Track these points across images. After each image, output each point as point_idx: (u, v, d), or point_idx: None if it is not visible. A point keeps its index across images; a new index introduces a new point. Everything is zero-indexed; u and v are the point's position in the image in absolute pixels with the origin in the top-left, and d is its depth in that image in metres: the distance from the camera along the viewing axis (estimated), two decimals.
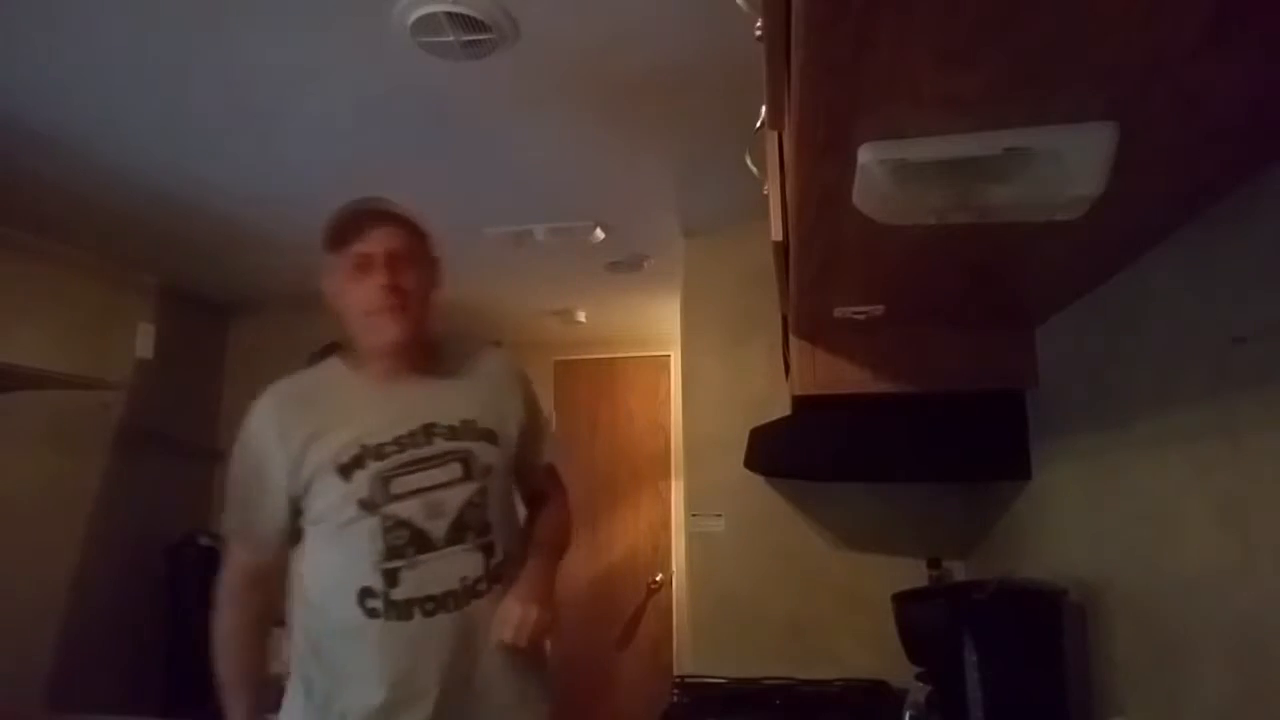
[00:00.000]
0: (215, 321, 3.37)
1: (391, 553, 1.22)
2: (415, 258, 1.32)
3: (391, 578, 1.21)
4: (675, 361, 4.01)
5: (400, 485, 1.24)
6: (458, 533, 1.25)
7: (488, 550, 1.28)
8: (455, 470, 1.27)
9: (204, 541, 2.93)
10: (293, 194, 2.22)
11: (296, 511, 1.29)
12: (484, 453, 1.31)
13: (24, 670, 2.42)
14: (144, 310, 2.95)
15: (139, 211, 2.28)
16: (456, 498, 1.26)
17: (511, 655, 1.26)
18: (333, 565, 1.26)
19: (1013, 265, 1.16)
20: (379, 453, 1.25)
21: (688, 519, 2.44)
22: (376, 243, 1.28)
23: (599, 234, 2.52)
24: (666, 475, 4.05)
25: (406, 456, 1.25)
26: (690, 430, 2.51)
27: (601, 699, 3.75)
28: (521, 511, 1.47)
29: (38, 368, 2.33)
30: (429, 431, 1.28)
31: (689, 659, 2.36)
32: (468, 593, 1.24)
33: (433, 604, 1.22)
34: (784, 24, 0.68)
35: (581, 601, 3.94)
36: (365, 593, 1.21)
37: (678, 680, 2.20)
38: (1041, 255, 1.09)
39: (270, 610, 1.36)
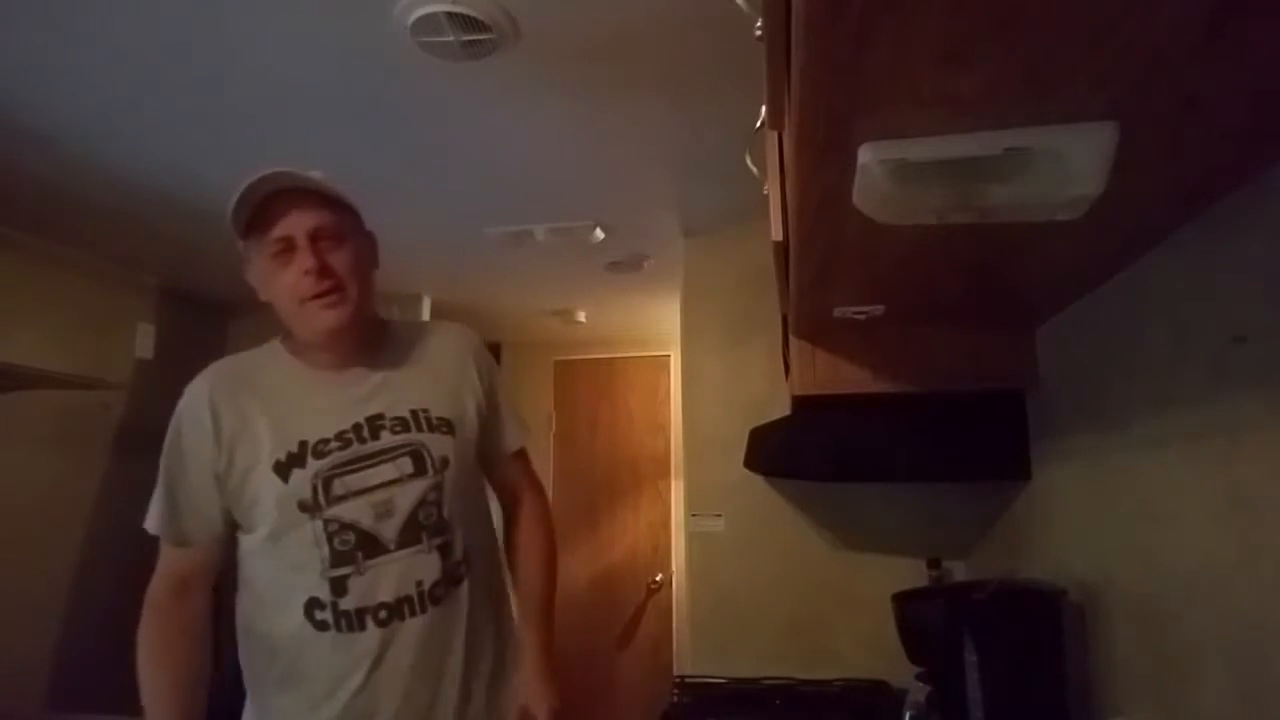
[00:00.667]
0: (215, 321, 3.37)
1: (337, 559, 1.11)
2: (342, 234, 1.17)
3: (339, 586, 1.10)
4: (675, 361, 4.01)
5: (343, 485, 1.12)
6: (410, 534, 1.14)
7: (445, 551, 1.17)
8: (405, 466, 1.16)
9: None
10: None
11: (228, 511, 1.17)
12: (438, 445, 1.19)
13: (24, 670, 2.42)
14: (144, 310, 2.95)
15: (139, 211, 2.28)
16: (408, 496, 1.15)
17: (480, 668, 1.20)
18: (274, 575, 1.15)
19: (1013, 265, 1.16)
20: (319, 450, 1.13)
21: (688, 519, 2.44)
22: (295, 224, 1.13)
23: (599, 234, 2.52)
24: (666, 475, 4.05)
25: (349, 454, 1.14)
26: (690, 430, 2.51)
27: (601, 699, 3.74)
28: (496, 512, 1.38)
29: (38, 368, 2.33)
30: (375, 425, 1.17)
31: (689, 659, 2.36)
32: (425, 598, 1.14)
33: (386, 612, 1.12)
34: (784, 24, 0.68)
35: (581, 601, 3.94)
36: (312, 604, 1.11)
37: (678, 680, 2.20)
38: (1041, 255, 1.09)
39: (201, 627, 1.21)
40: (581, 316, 3.68)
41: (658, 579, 3.94)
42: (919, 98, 0.63)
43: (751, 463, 2.17)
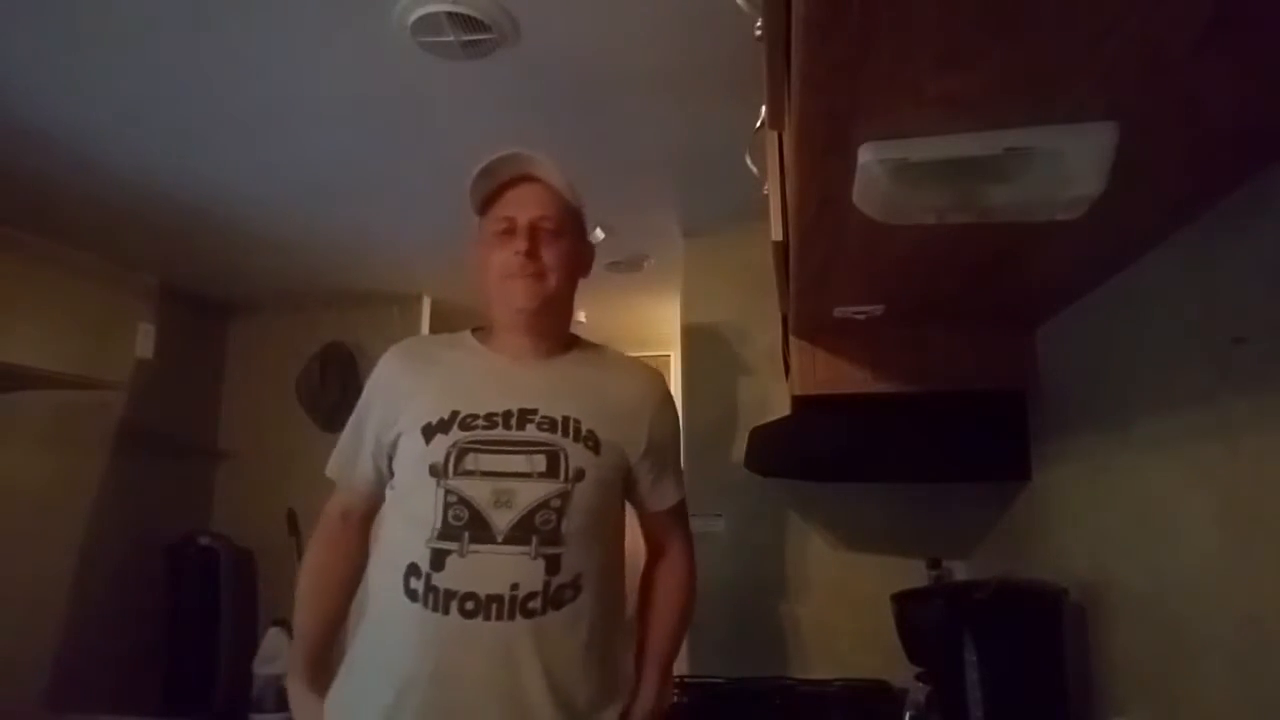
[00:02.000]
0: (215, 321, 3.38)
1: (446, 531, 1.11)
2: (561, 229, 1.24)
3: (439, 560, 1.10)
4: (675, 361, 4.00)
5: (474, 461, 1.14)
6: (521, 532, 1.11)
7: (552, 565, 1.11)
8: (539, 463, 1.15)
9: (204, 541, 2.94)
10: (292, 194, 2.23)
11: (386, 465, 1.24)
12: (578, 455, 1.17)
13: (24, 670, 2.42)
14: (144, 310, 2.95)
15: (139, 211, 2.28)
16: (531, 493, 1.13)
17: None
18: (394, 532, 1.19)
19: (1012, 265, 1.16)
20: (466, 422, 1.16)
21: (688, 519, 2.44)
22: (521, 208, 1.23)
23: (599, 234, 2.52)
24: None
25: (493, 435, 1.15)
26: (690, 430, 2.50)
27: None
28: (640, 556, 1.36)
29: (38, 368, 2.33)
30: (525, 416, 1.18)
31: (689, 659, 2.36)
32: (516, 605, 1.08)
33: (473, 604, 1.08)
34: (784, 24, 0.68)
35: None
36: (411, 570, 1.11)
37: (678, 680, 2.20)
38: (1041, 255, 1.09)
39: (360, 561, 1.29)
40: (581, 316, 3.68)
41: None
42: (919, 98, 0.63)
43: (751, 463, 2.17)
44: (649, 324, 3.87)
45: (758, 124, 1.12)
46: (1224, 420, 0.91)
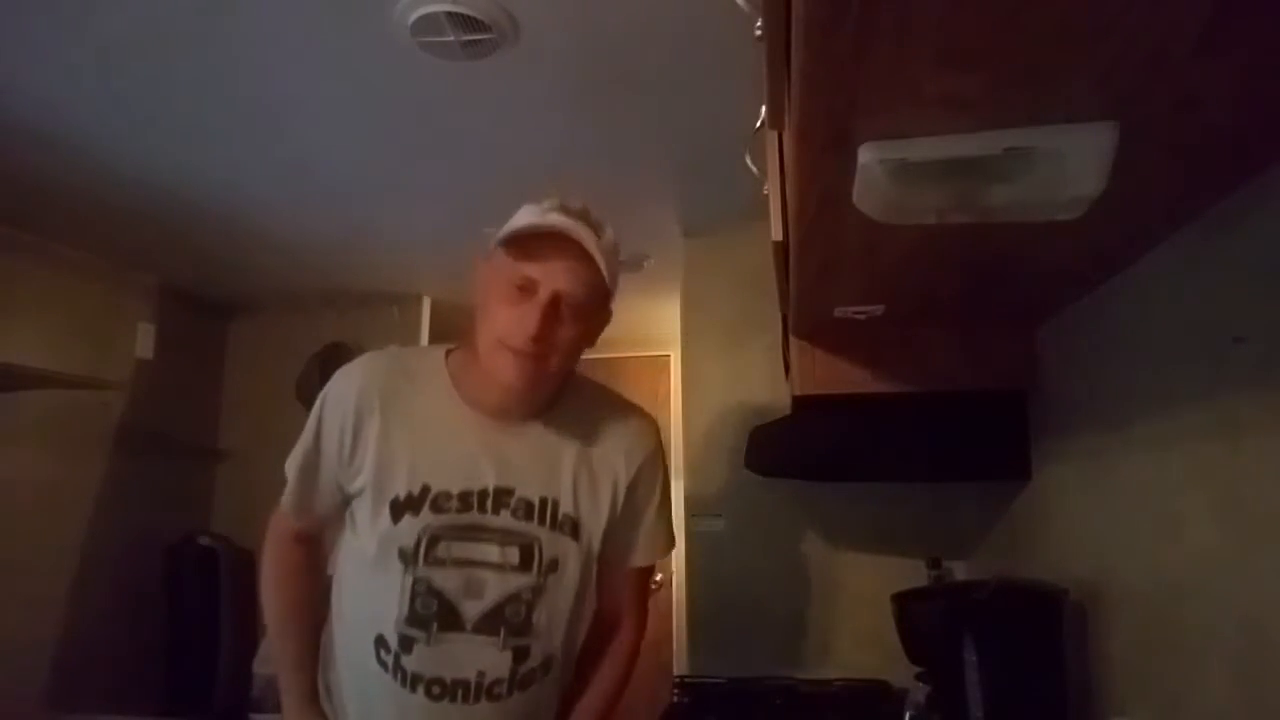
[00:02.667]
0: (215, 321, 3.38)
1: (413, 619, 1.07)
2: (583, 311, 1.08)
3: (406, 644, 1.07)
4: (675, 361, 4.00)
5: (446, 550, 1.08)
6: (490, 624, 1.08)
7: (520, 654, 1.10)
8: (512, 556, 1.09)
9: (204, 541, 2.93)
10: (293, 194, 2.23)
11: (344, 500, 1.15)
12: (554, 545, 1.11)
13: (24, 669, 2.42)
14: (144, 310, 2.95)
15: (139, 211, 2.28)
16: (501, 586, 1.09)
17: None
18: (360, 593, 1.14)
19: (1013, 265, 1.16)
20: (438, 503, 1.08)
21: (688, 519, 2.44)
22: (550, 276, 1.05)
23: None
24: None
25: (465, 520, 1.08)
26: (690, 430, 2.51)
27: None
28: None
29: (38, 368, 2.33)
30: (501, 499, 1.10)
31: (689, 659, 2.36)
32: (481, 690, 1.08)
33: (439, 688, 1.07)
34: (784, 24, 0.68)
35: None
36: (380, 641, 1.09)
37: (678, 680, 2.20)
38: (1041, 255, 1.09)
39: (322, 570, 1.23)
40: None
41: (658, 579, 3.94)
42: (919, 98, 0.63)
43: (751, 463, 2.17)
44: (649, 324, 3.86)
45: (758, 124, 1.12)
46: (1224, 420, 0.91)
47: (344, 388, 1.14)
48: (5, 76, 1.57)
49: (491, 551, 1.09)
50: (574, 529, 1.13)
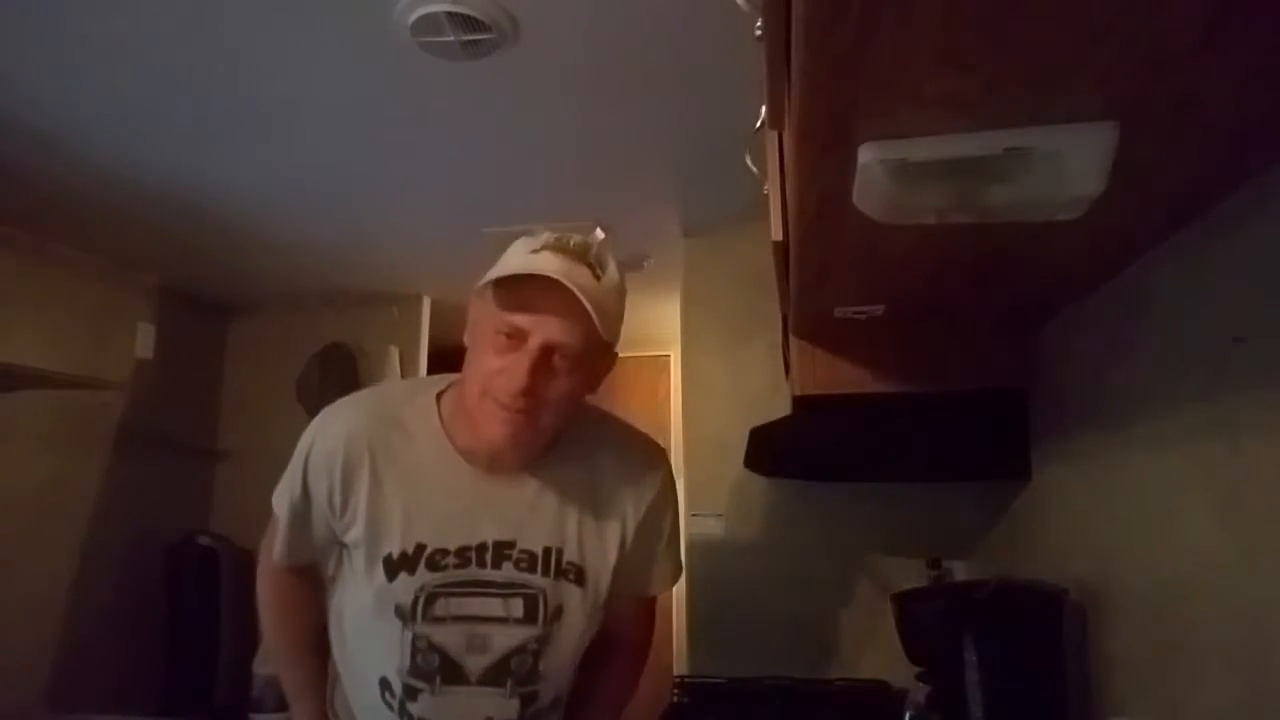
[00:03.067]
0: (215, 321, 3.38)
1: (416, 672, 1.04)
2: (577, 363, 0.98)
3: (411, 693, 1.05)
4: (675, 361, 4.01)
5: (445, 607, 1.04)
6: (497, 675, 1.05)
7: (529, 699, 1.07)
8: (516, 609, 1.05)
9: (204, 541, 2.93)
10: (293, 194, 2.23)
11: (338, 546, 1.11)
12: (559, 594, 1.07)
13: (24, 670, 2.43)
14: (144, 310, 2.95)
15: (139, 211, 2.28)
16: (506, 639, 1.05)
17: None
18: (361, 637, 1.11)
19: (1013, 265, 1.16)
20: (434, 561, 1.03)
21: (688, 519, 2.44)
22: (541, 327, 0.95)
23: (599, 234, 2.51)
24: None
25: (464, 575, 1.04)
26: (690, 430, 2.51)
27: None
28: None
29: (38, 368, 2.33)
30: (501, 553, 1.05)
31: (689, 659, 2.36)
32: None
33: None
34: (784, 24, 0.68)
35: None
36: (384, 684, 1.07)
37: (678, 680, 2.20)
38: (1041, 255, 1.09)
39: (312, 593, 1.18)
40: None
41: None
42: (919, 98, 0.63)
43: (751, 463, 2.17)
44: (649, 324, 3.87)
45: (758, 124, 1.12)
46: (1224, 420, 0.91)
47: (332, 436, 1.06)
48: (5, 76, 1.57)
49: (494, 605, 1.05)
50: (579, 575, 1.08)
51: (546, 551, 1.06)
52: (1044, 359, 1.54)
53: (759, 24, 0.80)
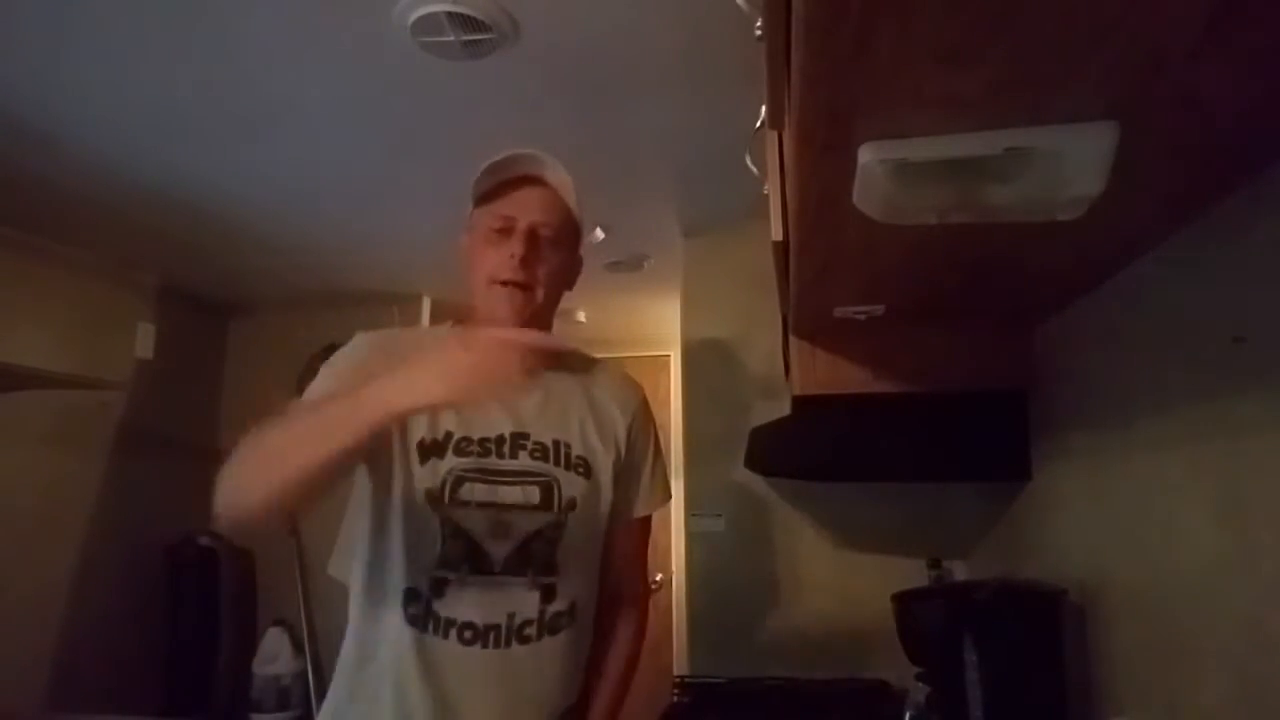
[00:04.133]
0: (215, 321, 3.37)
1: (444, 561, 1.09)
2: (559, 241, 1.19)
3: (439, 587, 1.09)
4: (675, 361, 4.00)
5: (470, 491, 1.11)
6: (518, 563, 1.11)
7: (547, 593, 1.13)
8: (533, 495, 1.13)
9: (204, 541, 2.94)
10: (292, 194, 2.23)
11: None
12: (570, 484, 1.16)
13: (24, 670, 2.43)
14: (144, 310, 2.95)
15: (139, 211, 2.28)
16: (526, 524, 1.12)
17: None
18: (386, 551, 1.13)
19: (1013, 265, 1.16)
20: (461, 447, 1.12)
21: (688, 519, 2.44)
22: (524, 209, 1.17)
23: (599, 234, 2.52)
24: None
25: (487, 463, 1.12)
26: (690, 430, 2.51)
27: None
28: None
29: (38, 368, 2.33)
30: (517, 443, 1.14)
31: (689, 659, 2.36)
32: (513, 633, 1.10)
33: (471, 633, 1.09)
34: (784, 24, 0.68)
35: None
36: (410, 595, 1.09)
37: (678, 680, 2.20)
38: (1041, 255, 1.09)
39: None
40: (581, 316, 3.68)
41: (658, 579, 3.94)
42: (919, 98, 0.63)
43: (751, 463, 2.17)
44: (649, 324, 3.87)
45: (758, 124, 1.12)
46: (1224, 420, 0.91)
47: (358, 343, 1.19)
48: (5, 77, 1.57)
49: (513, 493, 1.13)
50: (587, 469, 1.18)
51: (556, 444, 1.17)
52: (1044, 359, 1.54)
53: (759, 24, 0.80)
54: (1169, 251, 1.02)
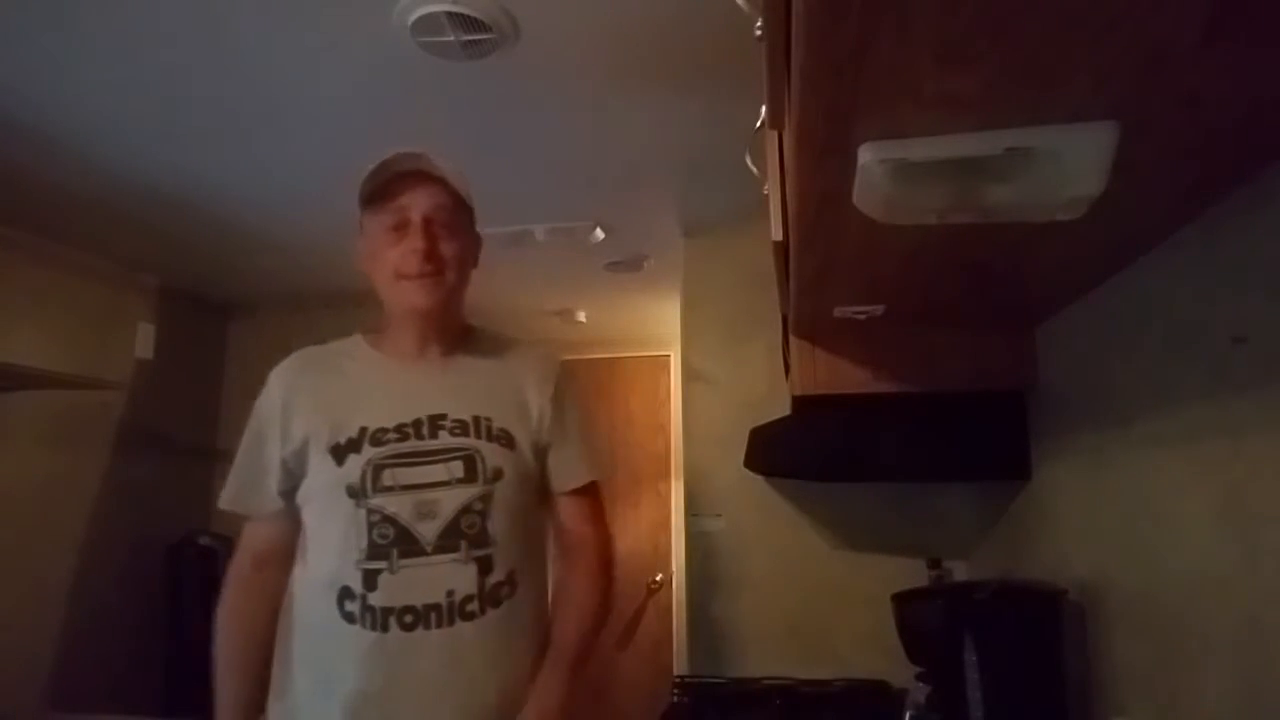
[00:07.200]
0: (215, 321, 3.38)
1: (374, 551, 1.10)
2: (455, 224, 1.22)
3: (370, 580, 1.10)
4: (675, 361, 4.01)
5: (392, 477, 1.13)
6: (449, 540, 1.12)
7: (484, 565, 1.13)
8: (457, 470, 1.15)
9: (204, 541, 2.93)
10: (292, 194, 2.23)
11: (293, 488, 1.19)
12: (494, 455, 1.17)
13: (24, 670, 2.42)
14: (144, 310, 2.95)
15: (139, 211, 2.28)
16: (453, 500, 1.13)
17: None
18: (319, 556, 1.16)
19: (1013, 265, 1.16)
20: (377, 438, 1.15)
21: (688, 519, 2.44)
22: (415, 202, 1.19)
23: (599, 234, 2.52)
24: (666, 475, 4.05)
25: (405, 447, 1.15)
26: (690, 430, 2.51)
27: (601, 699, 3.75)
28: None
29: (38, 368, 2.33)
30: (436, 424, 1.17)
31: (689, 659, 2.36)
32: (454, 610, 1.11)
33: (412, 617, 1.09)
34: (784, 24, 0.68)
35: None
36: (345, 593, 1.11)
37: (678, 680, 2.20)
38: (1041, 255, 1.09)
39: (276, 600, 1.22)
40: (581, 316, 3.68)
41: (658, 579, 3.94)
42: (919, 98, 0.63)
43: (751, 463, 2.17)
44: (649, 324, 3.87)
45: (758, 124, 1.12)
46: (1224, 420, 0.91)
47: (272, 380, 1.25)
48: (6, 77, 1.57)
49: (437, 471, 1.14)
50: (508, 440, 1.20)
51: (476, 419, 1.19)
52: (1044, 359, 1.54)
53: (759, 24, 0.80)
54: (1169, 251, 1.02)
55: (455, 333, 1.28)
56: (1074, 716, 1.30)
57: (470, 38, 1.42)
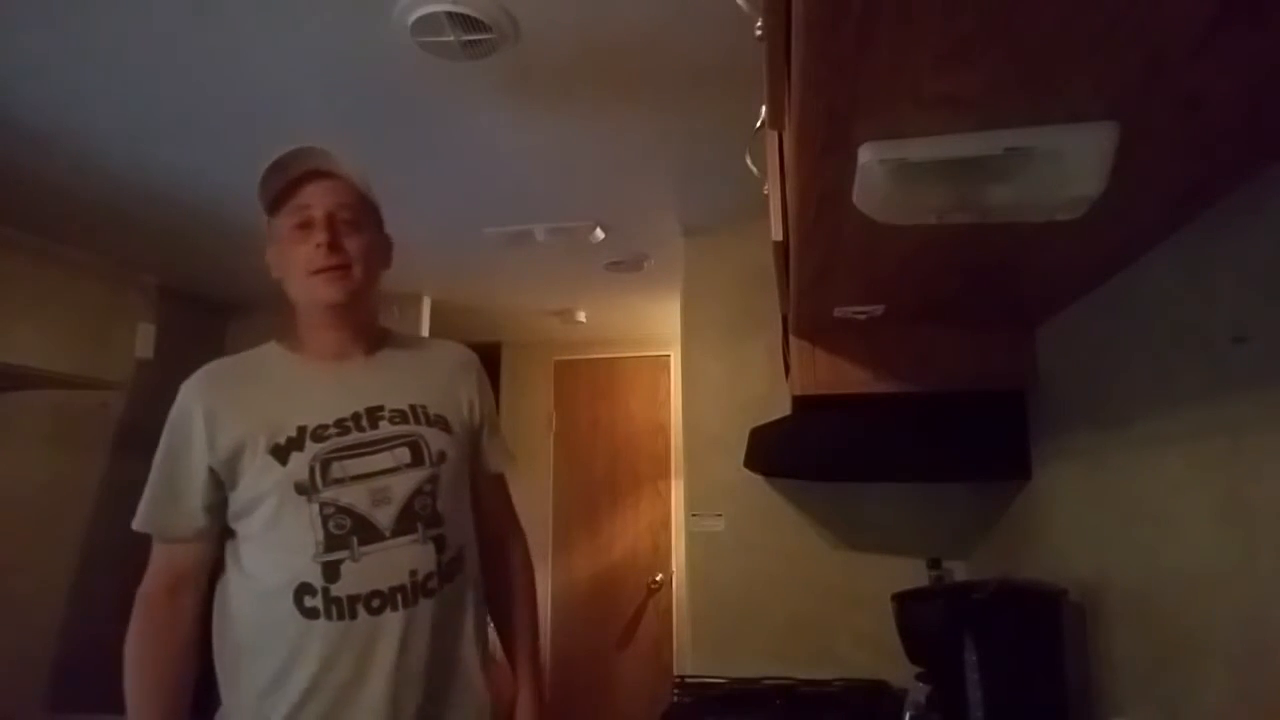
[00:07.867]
0: (215, 321, 3.37)
1: (332, 543, 1.10)
2: (359, 220, 1.23)
3: (332, 571, 1.09)
4: (675, 361, 4.01)
5: (341, 469, 1.13)
6: (406, 522, 1.14)
7: (439, 544, 1.17)
8: (403, 455, 1.17)
9: None
10: None
11: (219, 503, 1.15)
12: (436, 439, 1.21)
13: (24, 670, 2.42)
14: (144, 310, 2.95)
15: (139, 211, 2.28)
16: (404, 485, 1.15)
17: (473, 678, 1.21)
18: (267, 560, 1.13)
19: (1012, 265, 1.16)
20: (318, 434, 1.14)
21: (688, 519, 2.44)
22: (317, 199, 1.20)
23: (599, 234, 2.52)
24: (666, 475, 4.05)
25: (349, 439, 1.15)
26: (690, 430, 2.51)
27: (601, 699, 3.75)
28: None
29: (38, 368, 2.33)
30: (374, 414, 1.18)
31: (689, 659, 2.36)
32: (418, 589, 1.13)
33: (379, 600, 1.10)
34: (784, 24, 0.68)
35: (581, 601, 3.94)
36: (303, 590, 1.09)
37: (678, 680, 2.20)
38: (1041, 255, 1.09)
39: (192, 626, 1.18)
40: (581, 316, 3.69)
41: (658, 579, 3.94)
42: (919, 98, 0.63)
43: (751, 463, 2.17)
44: (649, 324, 3.87)
45: (758, 124, 1.12)
46: (1224, 420, 0.91)
47: (185, 396, 1.22)
48: (5, 77, 1.57)
49: (383, 459, 1.16)
50: (445, 425, 1.24)
51: (413, 407, 1.22)
52: (1044, 359, 1.54)
53: (759, 24, 0.80)
54: (1169, 251, 1.02)
55: (373, 333, 1.30)
56: (1074, 716, 1.30)
57: (470, 38, 1.42)
